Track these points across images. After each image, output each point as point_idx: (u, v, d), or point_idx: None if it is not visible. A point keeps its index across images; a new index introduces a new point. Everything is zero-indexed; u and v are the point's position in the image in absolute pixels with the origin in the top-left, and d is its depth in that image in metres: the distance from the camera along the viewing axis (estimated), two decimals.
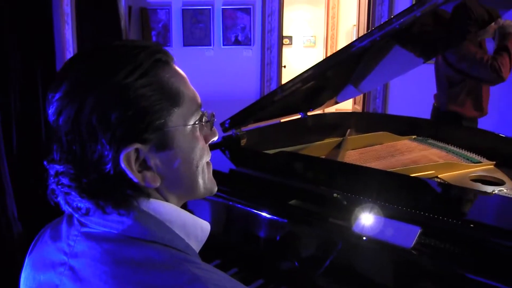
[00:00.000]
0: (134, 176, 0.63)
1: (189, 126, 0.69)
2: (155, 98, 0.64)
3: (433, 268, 1.06)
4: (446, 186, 1.55)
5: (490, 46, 2.73)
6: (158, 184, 0.66)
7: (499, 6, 2.11)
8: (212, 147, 1.77)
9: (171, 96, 0.66)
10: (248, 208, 1.33)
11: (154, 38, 4.68)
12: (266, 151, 1.80)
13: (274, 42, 4.70)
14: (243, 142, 1.83)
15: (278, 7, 4.65)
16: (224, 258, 1.36)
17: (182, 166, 0.68)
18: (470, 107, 2.93)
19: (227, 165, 1.72)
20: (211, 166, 0.77)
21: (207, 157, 0.74)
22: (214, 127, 0.75)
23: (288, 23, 8.17)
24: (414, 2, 1.66)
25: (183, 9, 4.67)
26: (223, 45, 4.70)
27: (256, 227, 1.32)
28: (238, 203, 1.35)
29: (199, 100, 0.71)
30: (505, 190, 1.50)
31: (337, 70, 1.77)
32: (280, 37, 4.75)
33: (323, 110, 3.43)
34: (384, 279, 1.12)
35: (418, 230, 1.08)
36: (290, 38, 8.67)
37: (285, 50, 7.90)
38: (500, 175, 1.70)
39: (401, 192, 1.35)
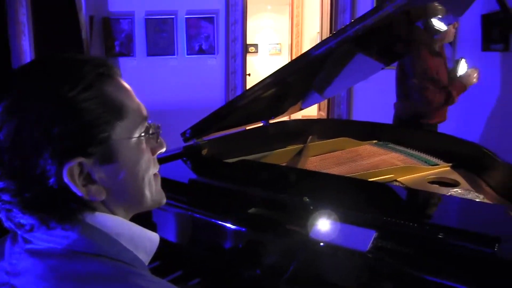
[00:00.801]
0: (79, 190, 0.63)
1: (134, 139, 0.68)
2: (99, 111, 0.64)
3: (390, 271, 1.08)
4: (403, 189, 1.58)
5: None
6: (103, 197, 0.66)
7: (451, 13, 2.18)
8: (173, 157, 1.76)
9: (115, 110, 0.66)
10: (208, 218, 1.33)
11: (117, 48, 4.62)
12: (228, 160, 1.80)
13: (238, 50, 4.71)
14: (204, 151, 1.82)
15: (241, 16, 4.66)
16: (186, 269, 1.35)
17: (128, 178, 0.68)
18: (429, 115, 2.98)
19: (188, 175, 1.71)
20: (159, 177, 0.76)
21: (154, 169, 0.73)
22: (161, 138, 0.75)
23: (254, 31, 8.23)
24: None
25: (146, 19, 4.63)
26: (187, 54, 4.67)
27: (217, 236, 1.31)
28: (198, 213, 1.35)
29: (144, 112, 0.71)
30: (459, 191, 1.54)
31: (298, 77, 1.79)
32: (244, 45, 4.76)
33: (289, 117, 3.46)
34: (345, 283, 1.13)
35: (374, 234, 1.10)
36: (256, 46, 8.74)
37: (251, 58, 7.95)
38: (455, 176, 1.75)
39: (359, 197, 1.37)
